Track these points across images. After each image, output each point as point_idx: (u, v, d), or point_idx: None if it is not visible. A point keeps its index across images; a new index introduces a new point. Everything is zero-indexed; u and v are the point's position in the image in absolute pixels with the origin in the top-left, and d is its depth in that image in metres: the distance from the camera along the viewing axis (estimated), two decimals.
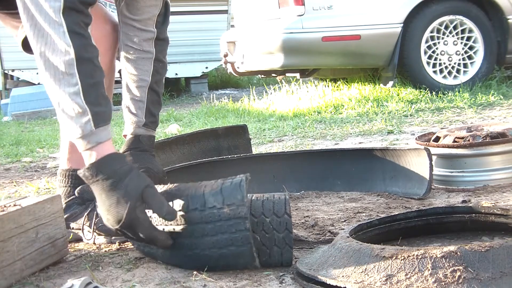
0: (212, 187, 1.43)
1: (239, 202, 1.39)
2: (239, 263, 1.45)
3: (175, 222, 1.44)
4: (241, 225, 1.39)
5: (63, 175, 1.94)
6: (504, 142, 2.19)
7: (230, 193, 1.40)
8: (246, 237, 1.39)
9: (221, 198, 1.40)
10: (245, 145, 2.71)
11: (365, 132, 3.85)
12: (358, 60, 5.28)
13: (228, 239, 1.40)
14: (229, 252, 1.42)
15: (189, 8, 9.08)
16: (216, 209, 1.40)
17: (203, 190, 1.43)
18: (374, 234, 1.58)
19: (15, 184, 3.09)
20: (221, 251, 1.42)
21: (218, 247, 1.42)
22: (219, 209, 1.40)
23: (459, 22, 5.19)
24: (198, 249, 1.44)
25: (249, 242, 1.40)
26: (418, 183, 2.13)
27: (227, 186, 1.41)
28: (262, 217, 1.46)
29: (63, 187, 1.93)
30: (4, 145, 4.77)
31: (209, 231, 1.41)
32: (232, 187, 1.41)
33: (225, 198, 1.40)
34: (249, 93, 6.40)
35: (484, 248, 1.19)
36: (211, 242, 1.41)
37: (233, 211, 1.39)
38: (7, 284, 1.45)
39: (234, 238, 1.40)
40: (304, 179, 2.39)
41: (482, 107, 4.51)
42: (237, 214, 1.39)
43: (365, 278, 1.25)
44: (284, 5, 5.18)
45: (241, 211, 1.39)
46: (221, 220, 1.40)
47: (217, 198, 1.41)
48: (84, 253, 1.75)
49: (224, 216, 1.39)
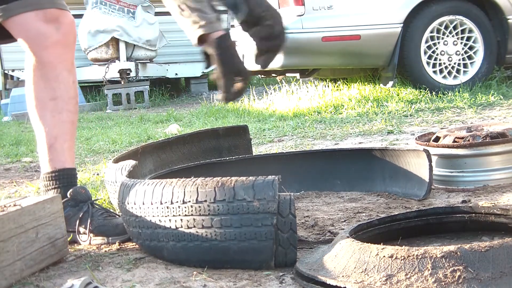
0: (243, 182, 1.46)
1: (270, 197, 1.43)
2: (257, 260, 1.46)
3: (196, 211, 1.46)
4: (268, 220, 1.42)
5: (48, 178, 1.92)
6: (504, 142, 2.19)
7: (262, 189, 1.44)
8: (270, 232, 1.43)
9: (252, 193, 1.44)
10: (245, 146, 2.71)
11: (365, 132, 3.85)
12: (358, 60, 5.28)
13: (252, 232, 1.43)
14: (250, 246, 1.44)
15: None
16: (245, 202, 1.43)
17: (233, 183, 1.46)
18: (374, 234, 1.58)
19: (15, 184, 3.09)
20: (241, 243, 1.44)
21: (239, 239, 1.44)
22: (248, 202, 1.43)
23: (459, 22, 5.20)
24: (216, 240, 1.45)
25: (272, 238, 1.43)
26: (418, 183, 2.13)
27: (260, 182, 1.45)
28: None
29: (52, 190, 1.91)
30: (4, 145, 4.77)
31: (234, 223, 1.44)
32: (264, 184, 1.45)
33: (256, 192, 1.44)
34: (249, 93, 6.40)
35: (484, 248, 1.19)
36: (234, 233, 1.44)
37: (263, 205, 1.43)
38: (7, 284, 1.45)
39: (258, 232, 1.43)
40: (304, 179, 2.39)
41: (482, 107, 4.51)
42: (266, 208, 1.42)
43: (365, 278, 1.25)
44: (284, 5, 5.18)
45: (271, 206, 1.43)
46: (249, 213, 1.43)
47: (248, 192, 1.44)
48: (84, 253, 1.75)
49: (253, 209, 1.43)
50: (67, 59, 1.93)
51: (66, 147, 1.93)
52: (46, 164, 1.93)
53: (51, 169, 1.92)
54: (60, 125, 1.92)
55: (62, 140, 1.92)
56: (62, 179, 1.91)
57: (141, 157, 2.31)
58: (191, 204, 1.47)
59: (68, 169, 1.94)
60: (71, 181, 1.94)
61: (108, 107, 7.72)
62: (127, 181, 1.65)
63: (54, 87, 1.91)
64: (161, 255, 1.58)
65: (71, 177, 1.94)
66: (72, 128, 1.96)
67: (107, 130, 5.34)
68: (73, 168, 1.96)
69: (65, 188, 1.90)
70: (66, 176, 1.93)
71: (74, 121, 1.97)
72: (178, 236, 1.50)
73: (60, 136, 1.92)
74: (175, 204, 1.49)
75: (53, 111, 1.91)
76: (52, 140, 1.91)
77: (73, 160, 1.97)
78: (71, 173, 1.95)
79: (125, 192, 1.62)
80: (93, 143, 4.49)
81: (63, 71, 1.92)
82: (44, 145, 1.92)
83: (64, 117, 1.92)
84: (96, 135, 4.98)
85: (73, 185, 1.93)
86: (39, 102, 1.91)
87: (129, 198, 1.59)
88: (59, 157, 1.92)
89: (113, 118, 6.49)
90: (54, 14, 1.90)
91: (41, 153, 1.94)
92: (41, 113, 1.91)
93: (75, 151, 4.29)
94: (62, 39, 1.91)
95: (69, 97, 1.94)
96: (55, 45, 1.89)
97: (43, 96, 1.91)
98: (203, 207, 1.46)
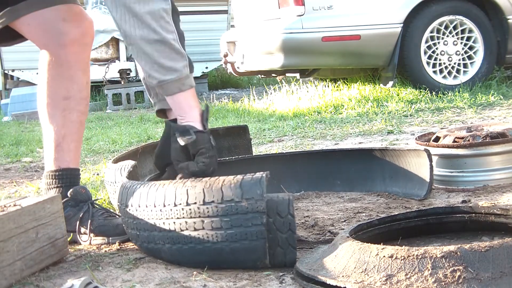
0: (230, 181, 1.45)
1: (258, 196, 1.42)
2: (250, 259, 1.45)
3: (187, 214, 1.45)
4: (257, 220, 1.41)
5: (51, 176, 1.91)
6: (504, 142, 2.20)
7: (250, 188, 1.42)
8: (261, 232, 1.42)
9: (240, 192, 1.42)
10: (245, 146, 2.71)
11: (365, 132, 3.85)
12: (358, 60, 5.28)
13: (242, 233, 1.42)
14: (242, 247, 1.43)
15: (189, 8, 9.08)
16: (234, 203, 1.42)
17: (221, 184, 1.45)
18: (374, 234, 1.58)
19: (15, 184, 3.09)
20: (233, 244, 1.43)
21: (231, 240, 1.43)
22: (237, 202, 1.42)
23: (459, 22, 5.19)
24: (209, 242, 1.45)
25: (264, 237, 1.42)
26: (419, 183, 2.13)
27: (247, 181, 1.44)
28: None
29: (54, 189, 1.91)
30: (4, 145, 4.77)
31: (224, 224, 1.43)
32: (252, 182, 1.43)
33: (244, 192, 1.42)
34: (249, 93, 6.39)
35: (484, 248, 1.19)
36: (225, 235, 1.43)
37: (251, 205, 1.41)
38: (7, 284, 1.45)
39: (249, 232, 1.42)
40: (304, 179, 2.39)
41: (482, 107, 4.51)
42: (255, 208, 1.41)
43: (365, 278, 1.25)
44: (284, 5, 5.18)
45: (260, 205, 1.41)
46: (238, 214, 1.42)
47: (236, 192, 1.43)
48: (84, 253, 1.75)
49: (241, 209, 1.42)
50: (83, 59, 1.94)
51: (72, 147, 1.93)
52: (51, 162, 1.92)
53: (55, 168, 1.92)
54: (69, 125, 1.91)
55: (70, 139, 1.92)
56: (65, 178, 1.91)
57: (141, 157, 2.31)
58: (182, 206, 1.46)
59: (72, 169, 1.93)
60: (74, 181, 1.94)
61: (108, 107, 7.72)
62: (126, 182, 1.65)
63: (68, 86, 1.91)
64: (160, 257, 1.58)
65: (74, 178, 1.94)
66: (80, 128, 1.96)
67: (107, 130, 5.34)
68: (77, 168, 1.96)
69: (67, 188, 1.90)
70: (70, 176, 1.92)
71: (83, 122, 1.97)
72: (173, 238, 1.50)
73: (68, 135, 1.91)
74: (167, 207, 1.48)
75: (64, 110, 1.91)
76: (59, 139, 1.91)
77: (78, 161, 1.97)
78: (74, 174, 1.94)
79: (123, 194, 1.62)
80: (93, 143, 4.49)
81: (78, 71, 1.92)
82: (51, 143, 1.91)
83: (74, 117, 1.92)
84: (96, 135, 4.98)
85: (75, 185, 1.93)
86: (52, 101, 1.91)
87: (127, 200, 1.59)
88: (65, 156, 1.92)
89: (113, 118, 6.49)
90: (76, 10, 1.91)
91: (47, 151, 1.93)
92: (52, 112, 1.91)
93: None
94: (81, 38, 1.91)
95: (81, 98, 1.94)
96: (72, 44, 1.89)
97: (56, 95, 1.91)
98: (193, 209, 1.45)
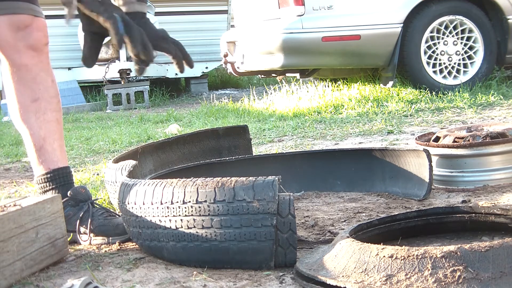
0: (243, 182, 1.46)
1: (270, 198, 1.44)
2: (256, 260, 1.46)
3: (196, 211, 1.46)
4: (268, 221, 1.43)
5: (43, 180, 1.90)
6: (504, 142, 2.20)
7: (262, 190, 1.45)
8: (270, 233, 1.43)
9: (252, 193, 1.44)
10: (245, 146, 2.71)
11: (365, 132, 3.84)
12: (358, 60, 5.28)
13: (251, 233, 1.44)
14: (249, 246, 1.45)
15: (189, 8, 9.08)
16: (245, 202, 1.44)
17: (233, 184, 1.46)
18: (374, 234, 1.58)
19: (15, 184, 3.09)
20: (241, 244, 1.45)
21: (239, 239, 1.45)
22: (248, 202, 1.44)
23: (459, 22, 5.19)
24: (216, 240, 1.46)
25: (272, 238, 1.44)
26: (418, 184, 2.13)
27: (260, 183, 1.46)
28: None
29: (49, 191, 1.89)
30: (4, 145, 4.77)
31: (234, 223, 1.44)
32: (264, 184, 1.45)
33: (256, 193, 1.44)
34: (249, 93, 6.40)
35: (484, 248, 1.19)
36: (233, 234, 1.44)
37: (262, 206, 1.43)
38: (7, 284, 1.45)
39: (258, 233, 1.44)
40: (304, 179, 2.39)
41: (482, 107, 4.51)
42: (266, 209, 1.43)
43: (365, 278, 1.25)
44: (284, 5, 5.18)
45: (271, 207, 1.43)
46: (249, 214, 1.44)
47: (248, 192, 1.45)
48: (84, 253, 1.75)
49: (252, 210, 1.43)
50: (42, 60, 1.89)
51: (56, 146, 1.91)
52: (39, 167, 1.90)
53: (46, 171, 1.89)
54: (46, 126, 1.89)
55: (51, 140, 1.90)
56: (58, 178, 1.90)
57: (141, 157, 2.31)
58: (191, 204, 1.47)
59: (62, 168, 1.91)
60: (67, 179, 1.92)
61: (108, 107, 7.72)
62: (127, 181, 1.65)
63: (34, 88, 1.88)
64: (161, 255, 1.58)
65: (67, 176, 1.92)
66: (58, 126, 1.93)
67: (107, 130, 5.34)
68: (67, 166, 1.94)
69: (62, 187, 1.89)
70: (62, 175, 1.91)
71: (60, 120, 1.94)
72: (178, 236, 1.50)
73: (48, 136, 1.89)
74: (175, 204, 1.49)
75: (37, 112, 1.88)
76: (40, 142, 1.88)
77: (66, 159, 1.95)
78: (66, 172, 1.93)
79: (125, 192, 1.62)
80: (93, 143, 4.49)
81: (40, 72, 1.88)
82: (32, 148, 1.89)
83: (49, 116, 1.89)
84: (96, 135, 4.98)
85: (69, 183, 1.92)
86: (21, 106, 1.88)
87: (130, 198, 1.59)
88: (51, 157, 1.90)
89: (113, 118, 6.49)
90: (25, 21, 1.85)
91: (31, 157, 1.91)
92: (24, 116, 1.88)
93: (75, 151, 4.29)
94: (33, 44, 1.87)
95: (50, 96, 1.91)
96: (26, 50, 1.86)
97: (24, 98, 1.87)
98: (203, 207, 1.46)
